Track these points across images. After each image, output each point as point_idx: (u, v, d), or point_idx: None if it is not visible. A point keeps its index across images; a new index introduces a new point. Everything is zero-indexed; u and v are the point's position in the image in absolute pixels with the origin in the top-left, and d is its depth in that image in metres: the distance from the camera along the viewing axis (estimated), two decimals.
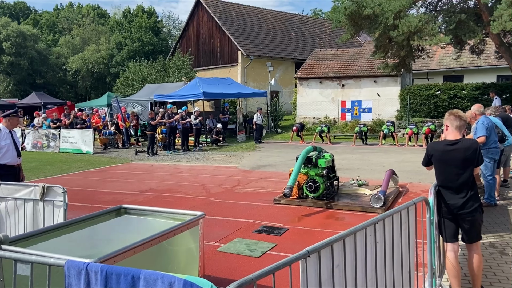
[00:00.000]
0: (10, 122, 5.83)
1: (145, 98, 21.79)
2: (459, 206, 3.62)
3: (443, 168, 3.75)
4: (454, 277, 3.66)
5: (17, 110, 6.42)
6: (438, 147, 3.82)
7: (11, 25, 38.53)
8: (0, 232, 4.23)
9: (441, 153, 3.75)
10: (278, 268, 1.99)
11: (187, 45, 32.63)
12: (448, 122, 3.79)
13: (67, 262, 2.35)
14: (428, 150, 3.91)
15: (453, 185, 3.67)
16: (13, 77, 38.45)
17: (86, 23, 49.36)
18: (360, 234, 2.60)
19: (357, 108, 21.18)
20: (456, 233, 3.73)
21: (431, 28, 12.82)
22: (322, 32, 36.30)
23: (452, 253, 3.68)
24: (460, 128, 3.75)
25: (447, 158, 3.71)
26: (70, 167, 12.97)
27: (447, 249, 3.72)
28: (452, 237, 3.71)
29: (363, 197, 7.72)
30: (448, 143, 3.74)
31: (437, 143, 3.91)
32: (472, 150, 3.65)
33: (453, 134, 3.76)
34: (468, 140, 3.90)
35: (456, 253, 3.72)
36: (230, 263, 4.92)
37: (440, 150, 3.78)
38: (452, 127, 3.76)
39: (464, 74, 22.99)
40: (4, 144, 5.68)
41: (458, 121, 3.73)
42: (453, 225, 3.70)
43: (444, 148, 3.74)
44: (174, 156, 15.50)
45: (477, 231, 3.72)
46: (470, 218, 3.63)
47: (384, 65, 16.02)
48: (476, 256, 3.69)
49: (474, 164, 3.68)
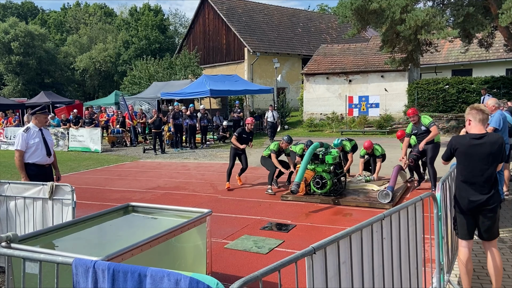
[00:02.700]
0: (38, 120, 5.62)
1: (152, 96, 21.87)
2: (483, 203, 3.51)
3: (467, 163, 3.60)
4: (466, 274, 3.62)
5: (45, 106, 6.09)
6: (463, 141, 3.64)
7: (19, 25, 38.84)
8: (10, 230, 4.29)
9: (467, 147, 3.59)
10: (284, 265, 1.99)
11: (194, 42, 32.65)
12: (471, 116, 3.66)
13: (74, 260, 2.38)
14: (452, 143, 3.73)
15: (477, 180, 3.54)
16: (21, 76, 38.80)
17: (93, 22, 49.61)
18: (367, 230, 2.59)
19: (365, 104, 21.06)
20: (473, 230, 3.64)
21: (439, 22, 12.67)
22: (328, 27, 36.10)
23: (466, 249, 3.63)
24: (483, 122, 3.63)
25: (473, 153, 3.57)
26: (78, 166, 13.08)
27: (461, 245, 3.65)
28: (468, 234, 3.62)
29: (370, 193, 7.69)
30: (474, 136, 3.59)
31: (461, 137, 3.73)
32: (498, 145, 3.53)
33: (477, 128, 3.63)
34: (494, 134, 3.76)
35: (470, 250, 3.66)
36: (237, 260, 4.93)
37: (465, 144, 3.61)
38: (475, 121, 3.63)
39: (473, 68, 22.75)
40: (32, 143, 5.49)
41: (481, 114, 3.61)
42: (471, 222, 3.59)
43: (470, 142, 3.58)
44: (181, 153, 15.55)
45: (497, 227, 3.63)
46: (491, 214, 3.53)
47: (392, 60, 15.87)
48: (496, 252, 3.61)
49: (498, 159, 3.55)
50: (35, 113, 5.67)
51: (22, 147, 5.42)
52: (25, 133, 5.48)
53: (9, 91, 38.70)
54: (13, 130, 19.13)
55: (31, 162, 5.47)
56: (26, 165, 5.47)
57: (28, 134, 5.48)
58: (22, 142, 5.42)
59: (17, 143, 5.45)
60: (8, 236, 3.04)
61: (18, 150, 5.43)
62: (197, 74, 26.33)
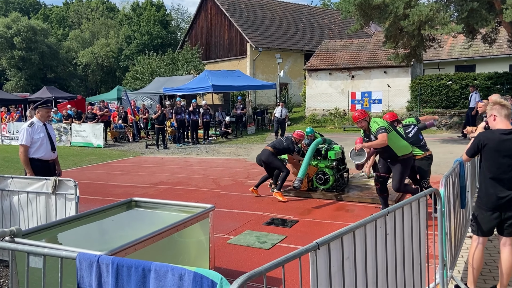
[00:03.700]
0: (40, 114, 5.55)
1: (155, 92, 21.86)
2: (510, 199, 3.45)
3: (496, 159, 3.51)
4: (478, 269, 3.61)
5: (47, 101, 5.99)
6: (492, 136, 3.54)
7: (22, 20, 38.83)
8: (13, 225, 4.30)
9: (497, 143, 3.50)
10: (288, 260, 1.99)
11: (196, 38, 32.57)
12: (495, 111, 3.59)
13: (78, 254, 2.38)
14: (479, 139, 3.61)
15: (506, 176, 3.48)
16: (24, 71, 38.84)
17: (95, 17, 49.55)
18: (370, 226, 2.59)
19: (367, 100, 21.00)
20: (494, 227, 3.60)
21: (443, 17, 12.60)
22: (331, 23, 35.96)
23: (482, 246, 3.61)
24: (508, 117, 3.56)
25: (502, 148, 3.48)
26: (81, 161, 13.10)
27: (478, 242, 3.62)
28: (489, 231, 3.59)
29: (373, 188, 7.67)
30: (503, 132, 3.51)
31: (490, 132, 3.62)
32: None
33: (504, 123, 3.55)
34: None
35: (484, 246, 3.65)
36: (240, 255, 4.94)
37: (495, 140, 3.51)
38: (501, 116, 3.56)
39: (476, 64, 22.62)
40: (37, 137, 5.43)
41: (505, 109, 3.55)
42: (495, 218, 3.54)
43: (500, 137, 3.49)
44: (183, 149, 15.56)
45: None
46: None
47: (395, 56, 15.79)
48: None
49: None
50: (37, 107, 5.62)
51: (27, 142, 5.39)
52: (30, 128, 5.45)
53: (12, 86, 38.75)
54: (16, 125, 19.16)
55: (35, 157, 5.42)
56: (30, 160, 5.45)
57: (33, 129, 5.44)
58: (27, 137, 5.39)
59: (22, 138, 5.40)
60: (11, 230, 3.05)
61: (22, 145, 5.40)
62: (199, 70, 26.30)
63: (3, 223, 4.64)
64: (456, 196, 4.15)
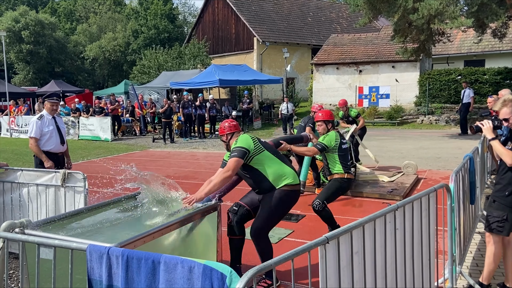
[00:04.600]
0: (46, 107, 5.63)
1: (161, 86, 21.90)
2: None
3: None
4: (494, 270, 3.59)
5: (53, 94, 6.08)
6: None
7: (30, 14, 38.98)
8: (23, 217, 4.34)
9: None
10: (297, 254, 1.99)
11: (203, 32, 32.52)
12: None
13: (89, 246, 2.40)
14: None
15: None
16: (32, 65, 39.05)
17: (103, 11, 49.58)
18: (380, 220, 2.58)
19: (375, 94, 20.88)
20: None
21: (452, 11, 12.45)
22: (339, 17, 35.70)
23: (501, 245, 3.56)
24: None
25: None
26: (89, 154, 13.19)
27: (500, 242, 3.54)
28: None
29: (380, 184, 7.65)
30: None
31: None
32: None
33: None
34: None
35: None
36: (247, 249, 4.93)
37: None
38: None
39: (486, 59, 22.37)
40: (47, 130, 5.49)
41: None
42: None
43: None
44: (190, 143, 15.59)
45: None
46: None
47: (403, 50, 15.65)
48: None
49: None
50: (44, 101, 5.72)
51: (37, 134, 5.44)
52: (39, 120, 5.50)
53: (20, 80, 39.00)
54: (25, 119, 19.31)
55: (45, 150, 5.48)
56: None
57: (42, 122, 5.49)
58: (36, 129, 5.44)
59: (31, 131, 5.45)
60: (21, 222, 3.08)
61: (32, 137, 5.44)
62: (206, 64, 26.29)
63: (12, 215, 4.69)
64: (466, 191, 4.12)
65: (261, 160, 3.79)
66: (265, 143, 3.99)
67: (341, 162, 4.99)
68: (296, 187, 3.83)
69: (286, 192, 3.76)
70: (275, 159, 3.86)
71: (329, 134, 5.05)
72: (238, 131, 4.03)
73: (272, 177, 3.77)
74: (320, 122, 5.18)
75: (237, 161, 3.66)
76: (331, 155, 5.02)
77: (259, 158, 3.77)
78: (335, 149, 4.97)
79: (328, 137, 4.99)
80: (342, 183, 4.97)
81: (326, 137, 5.01)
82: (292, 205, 3.90)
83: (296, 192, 3.86)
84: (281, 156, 4.03)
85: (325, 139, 4.99)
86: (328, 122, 5.12)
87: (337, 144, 4.98)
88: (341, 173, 4.97)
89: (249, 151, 3.73)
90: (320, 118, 5.19)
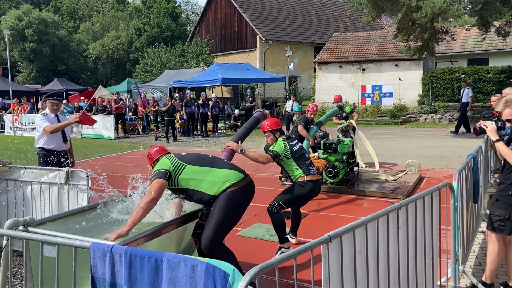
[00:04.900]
0: (48, 107, 5.63)
1: (164, 84, 21.92)
2: None
3: None
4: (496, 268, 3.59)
5: (53, 94, 5.98)
6: None
7: (33, 12, 39.04)
8: (26, 215, 4.36)
9: None
10: (300, 252, 1.99)
11: (205, 30, 32.51)
12: None
13: (92, 244, 2.40)
14: None
15: None
16: (35, 64, 39.14)
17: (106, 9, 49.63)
18: (383, 219, 2.57)
19: (378, 93, 20.83)
20: None
21: (456, 9, 12.40)
22: (342, 15, 35.61)
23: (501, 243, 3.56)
24: None
25: None
26: (92, 152, 13.22)
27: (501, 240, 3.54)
28: None
29: (383, 182, 7.64)
30: None
31: None
32: None
33: None
34: None
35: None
36: (249, 247, 4.96)
37: None
38: None
39: (489, 57, 22.27)
40: None
41: None
42: None
43: None
44: (193, 141, 15.61)
45: None
46: None
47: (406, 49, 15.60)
48: None
49: None
50: (46, 100, 5.70)
51: (47, 123, 5.40)
52: (43, 116, 5.52)
53: (24, 78, 39.11)
54: (28, 117, 19.38)
55: (46, 147, 5.49)
56: (41, 150, 5.51)
57: (46, 118, 5.50)
58: (43, 122, 5.41)
59: (41, 125, 5.40)
60: (25, 220, 3.09)
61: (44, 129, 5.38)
62: (209, 62, 26.28)
63: (16, 213, 4.70)
64: (469, 190, 4.11)
65: (188, 179, 3.39)
66: (186, 156, 3.55)
67: (299, 165, 4.65)
68: (241, 183, 3.45)
69: (231, 193, 3.38)
70: (203, 169, 3.44)
71: (278, 142, 4.70)
72: (164, 154, 3.66)
73: (209, 190, 3.38)
74: (268, 132, 4.80)
75: (158, 182, 3.29)
76: (287, 162, 4.69)
77: (183, 178, 3.38)
78: (288, 155, 4.63)
79: (278, 145, 4.66)
80: (304, 186, 4.62)
81: (276, 145, 4.68)
82: (245, 203, 3.55)
83: (243, 188, 3.46)
84: (211, 160, 3.61)
85: (275, 147, 4.67)
86: (276, 131, 4.79)
87: (288, 149, 4.64)
88: (301, 176, 4.64)
89: (170, 172, 3.37)
90: (266, 128, 4.80)
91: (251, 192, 3.60)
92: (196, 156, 3.61)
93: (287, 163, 4.70)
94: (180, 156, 3.53)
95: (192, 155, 3.59)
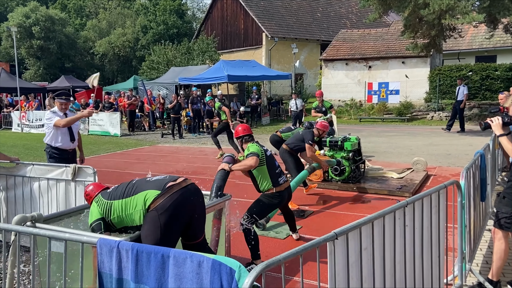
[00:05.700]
0: (57, 105, 5.62)
1: (170, 81, 21.95)
2: None
3: None
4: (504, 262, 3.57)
5: (61, 93, 5.95)
6: None
7: (40, 10, 39.23)
8: (34, 211, 4.39)
9: None
10: (306, 249, 1.99)
11: (211, 27, 32.50)
12: None
13: (99, 240, 2.42)
14: None
15: None
16: (42, 61, 39.35)
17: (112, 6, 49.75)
18: (389, 217, 2.56)
19: (384, 90, 20.73)
20: None
21: (464, 6, 12.29)
22: (348, 12, 35.43)
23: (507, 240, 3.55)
24: None
25: None
26: (98, 149, 13.29)
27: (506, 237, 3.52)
28: None
29: (390, 180, 7.61)
30: None
31: None
32: None
33: None
34: None
35: None
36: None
37: None
38: None
39: (497, 55, 22.07)
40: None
41: None
42: None
43: None
44: (199, 138, 15.64)
45: None
46: None
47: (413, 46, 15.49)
48: None
49: None
50: (54, 98, 5.71)
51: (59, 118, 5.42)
52: (53, 113, 5.55)
53: (31, 75, 39.34)
54: (35, 114, 19.51)
55: (53, 145, 5.52)
56: (49, 147, 5.54)
57: (56, 115, 5.51)
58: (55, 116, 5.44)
59: (53, 119, 5.41)
60: (33, 216, 3.12)
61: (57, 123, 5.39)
62: (214, 60, 26.28)
63: (23, 209, 4.75)
64: (476, 188, 4.08)
65: (119, 217, 3.04)
66: (114, 190, 3.20)
67: (269, 174, 4.35)
68: (159, 199, 2.94)
69: (152, 212, 2.92)
70: (127, 200, 3.04)
71: (251, 144, 4.41)
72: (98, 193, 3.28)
73: (134, 215, 3.00)
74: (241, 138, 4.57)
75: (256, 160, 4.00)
76: (260, 168, 4.33)
77: (114, 217, 3.05)
78: (263, 160, 4.32)
79: (252, 147, 4.34)
80: (274, 198, 4.38)
81: (251, 147, 4.35)
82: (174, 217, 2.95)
83: (166, 200, 2.93)
84: (134, 185, 3.14)
85: (250, 149, 4.33)
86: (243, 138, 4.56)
87: (263, 153, 4.36)
88: (270, 189, 4.36)
89: (103, 218, 3.05)
90: (240, 134, 4.57)
91: (182, 199, 3.02)
92: (123, 186, 3.18)
93: (260, 170, 4.34)
94: (107, 194, 3.17)
95: (120, 187, 3.18)
